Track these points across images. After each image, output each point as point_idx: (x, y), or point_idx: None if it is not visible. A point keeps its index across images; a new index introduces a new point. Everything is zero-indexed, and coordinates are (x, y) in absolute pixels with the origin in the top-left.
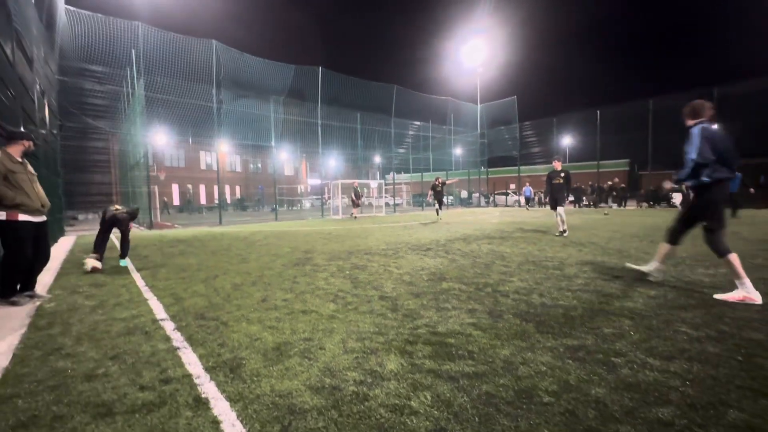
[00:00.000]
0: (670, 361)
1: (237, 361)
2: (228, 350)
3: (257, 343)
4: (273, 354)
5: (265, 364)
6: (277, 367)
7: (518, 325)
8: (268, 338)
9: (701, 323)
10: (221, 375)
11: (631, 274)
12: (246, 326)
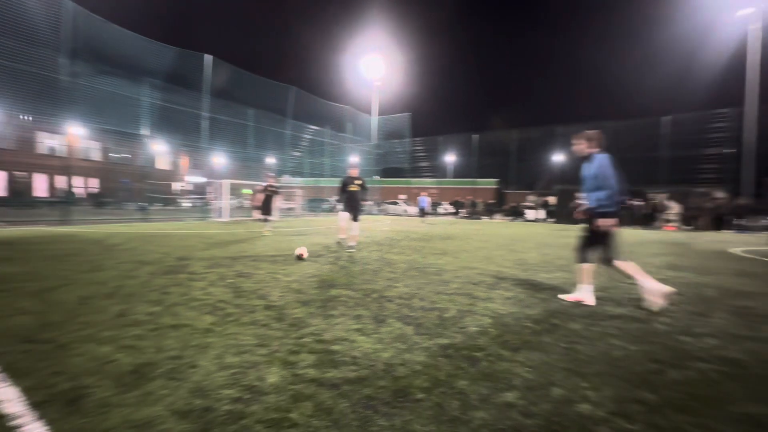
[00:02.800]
0: (518, 351)
1: (78, 391)
2: (66, 379)
3: (109, 367)
4: (130, 378)
5: (117, 391)
6: (134, 393)
7: (399, 329)
8: (123, 360)
9: (541, 318)
10: (54, 411)
11: (492, 279)
12: (94, 347)
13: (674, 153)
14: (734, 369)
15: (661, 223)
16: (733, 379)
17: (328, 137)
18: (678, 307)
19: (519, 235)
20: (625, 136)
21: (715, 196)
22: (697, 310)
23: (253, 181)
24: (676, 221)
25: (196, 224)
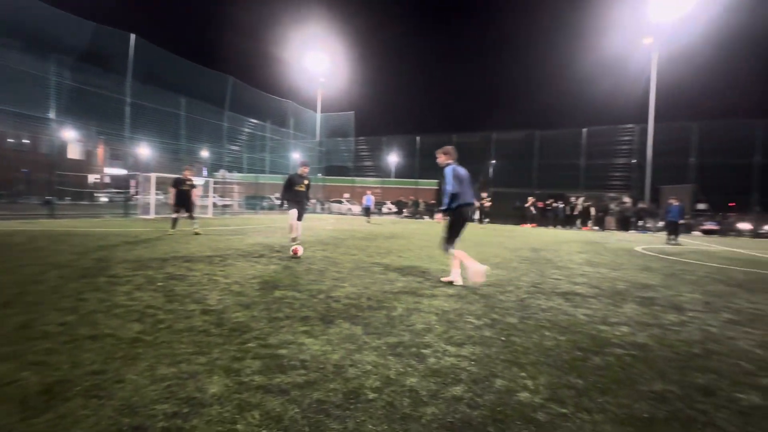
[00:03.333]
0: (462, 346)
1: None
2: None
3: (10, 389)
4: (39, 400)
5: (23, 416)
6: (46, 416)
7: (348, 329)
8: (31, 379)
9: (481, 314)
10: None
11: (435, 278)
12: None
13: (591, 161)
14: (643, 352)
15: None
16: (642, 362)
17: (269, 132)
18: (597, 299)
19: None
20: (553, 144)
21: (622, 201)
22: (612, 302)
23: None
24: (592, 222)
25: (117, 222)
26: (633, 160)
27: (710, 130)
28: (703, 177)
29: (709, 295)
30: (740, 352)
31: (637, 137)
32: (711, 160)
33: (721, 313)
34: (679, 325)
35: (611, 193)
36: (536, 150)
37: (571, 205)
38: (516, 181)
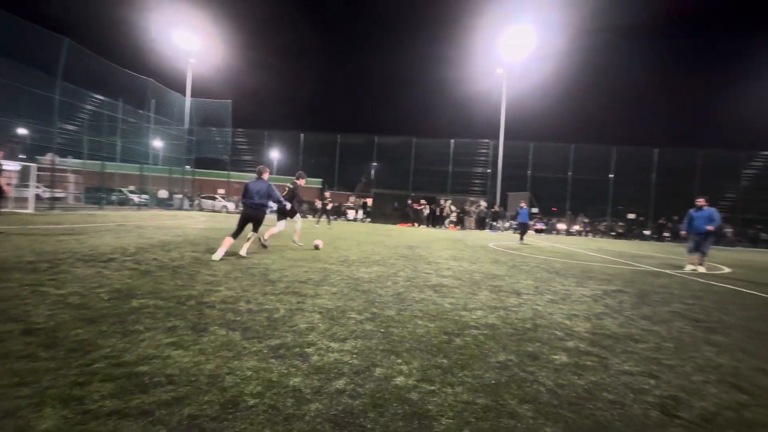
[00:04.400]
0: (345, 341)
1: None
2: None
3: None
4: None
5: None
6: None
7: (225, 336)
8: None
9: (363, 309)
10: None
11: (319, 276)
12: None
13: (456, 169)
14: (492, 331)
15: (448, 224)
16: (492, 339)
17: (121, 113)
18: (459, 289)
19: (341, 233)
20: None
21: (479, 204)
22: (471, 291)
23: None
24: (456, 222)
25: None
26: (488, 170)
27: (541, 149)
28: (534, 186)
29: (538, 281)
30: (556, 324)
31: (491, 151)
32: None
33: (545, 294)
34: (517, 307)
35: (471, 197)
36: (413, 155)
37: (441, 207)
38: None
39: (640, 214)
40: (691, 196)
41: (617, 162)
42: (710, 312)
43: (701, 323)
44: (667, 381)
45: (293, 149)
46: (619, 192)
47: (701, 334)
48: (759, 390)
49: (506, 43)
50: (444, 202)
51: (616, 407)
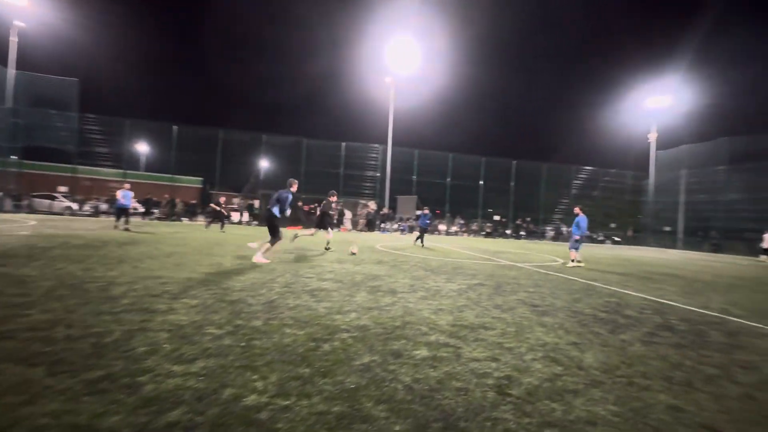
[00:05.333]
0: (193, 362)
1: None
2: None
3: None
4: None
5: None
6: None
7: (19, 374)
8: None
9: (225, 322)
10: None
11: (179, 288)
12: None
13: (348, 171)
14: (362, 333)
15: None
16: (360, 341)
17: None
18: (338, 292)
19: (222, 238)
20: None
21: (370, 206)
22: (349, 293)
23: None
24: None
25: None
26: (377, 174)
27: (425, 156)
28: (419, 190)
29: (414, 279)
30: (423, 319)
31: (381, 155)
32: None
33: (418, 291)
34: (391, 305)
35: (362, 199)
36: (303, 156)
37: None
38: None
39: (503, 216)
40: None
41: (486, 170)
42: (545, 297)
43: (538, 308)
44: (505, 362)
45: (164, 143)
46: (488, 197)
47: (536, 317)
48: (570, 361)
49: (394, 53)
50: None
51: (461, 394)
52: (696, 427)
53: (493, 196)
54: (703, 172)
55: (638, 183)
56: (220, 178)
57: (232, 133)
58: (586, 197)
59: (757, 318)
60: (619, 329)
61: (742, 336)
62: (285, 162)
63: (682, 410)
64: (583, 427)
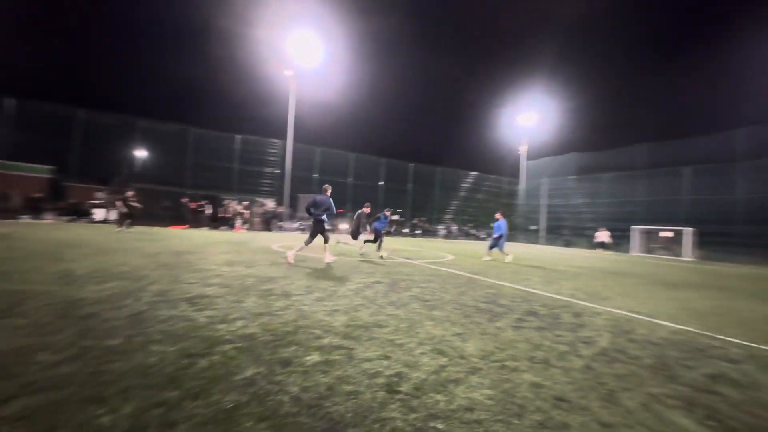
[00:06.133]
0: (5, 404)
1: None
2: None
3: None
4: None
5: None
6: None
7: None
8: None
9: (65, 345)
10: None
11: (2, 304)
12: None
13: (243, 167)
14: (248, 342)
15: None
16: (245, 352)
17: None
18: (224, 298)
19: (76, 239)
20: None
21: (267, 204)
22: (237, 298)
23: None
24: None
25: None
26: (276, 170)
27: (326, 154)
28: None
29: (310, 280)
30: (317, 322)
31: (280, 151)
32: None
33: (314, 293)
34: (283, 310)
35: (260, 197)
36: (190, 147)
37: (225, 207)
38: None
39: (401, 215)
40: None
41: (386, 171)
42: (435, 292)
43: (428, 302)
44: (396, 359)
45: None
46: (388, 197)
47: (426, 311)
48: (454, 352)
49: (295, 46)
50: (229, 202)
51: (351, 398)
52: (551, 400)
53: (392, 196)
54: (558, 180)
55: (512, 188)
56: (79, 168)
57: (95, 114)
58: (472, 199)
59: (594, 300)
60: (495, 317)
61: (584, 316)
62: (167, 152)
63: (541, 386)
64: (463, 414)
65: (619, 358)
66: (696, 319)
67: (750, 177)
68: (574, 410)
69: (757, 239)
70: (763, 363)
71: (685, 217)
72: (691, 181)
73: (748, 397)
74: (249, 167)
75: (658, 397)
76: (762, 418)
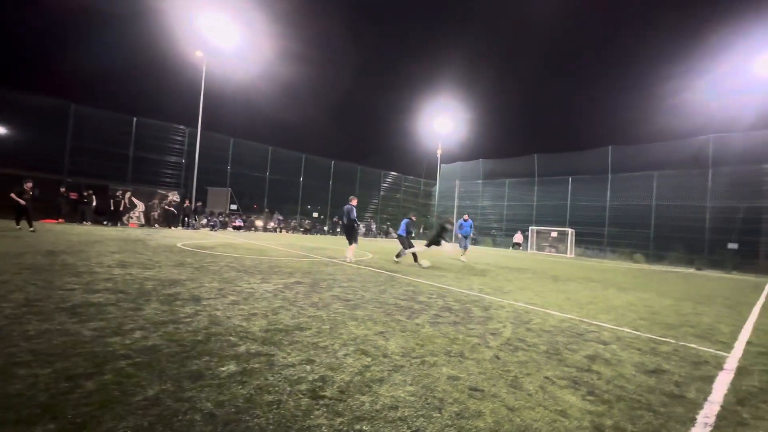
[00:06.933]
0: None
1: None
2: None
3: None
4: None
5: None
6: None
7: None
8: None
9: None
10: None
11: None
12: None
13: (141, 154)
14: (149, 356)
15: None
16: (146, 368)
17: None
18: (117, 306)
19: None
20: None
21: (171, 197)
22: (134, 306)
23: None
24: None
25: None
26: (183, 160)
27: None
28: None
29: (224, 282)
30: (232, 328)
31: (188, 139)
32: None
33: (228, 296)
34: (192, 316)
35: (161, 189)
36: (71, 127)
37: (117, 199)
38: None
39: (321, 213)
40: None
41: (306, 167)
42: (356, 291)
43: (350, 302)
44: (320, 363)
45: None
46: (307, 193)
47: (349, 311)
48: (377, 351)
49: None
50: (122, 193)
51: (273, 408)
52: (467, 391)
53: (312, 193)
54: (468, 183)
55: (428, 189)
56: None
57: None
58: (392, 199)
59: (499, 294)
60: (415, 314)
61: (491, 309)
62: (40, 132)
63: (458, 378)
64: (388, 413)
65: (521, 347)
66: (578, 308)
67: (614, 187)
68: (486, 398)
69: (620, 239)
70: (625, 343)
71: (569, 220)
72: (573, 189)
73: (616, 373)
74: (148, 154)
75: (552, 379)
76: (625, 389)
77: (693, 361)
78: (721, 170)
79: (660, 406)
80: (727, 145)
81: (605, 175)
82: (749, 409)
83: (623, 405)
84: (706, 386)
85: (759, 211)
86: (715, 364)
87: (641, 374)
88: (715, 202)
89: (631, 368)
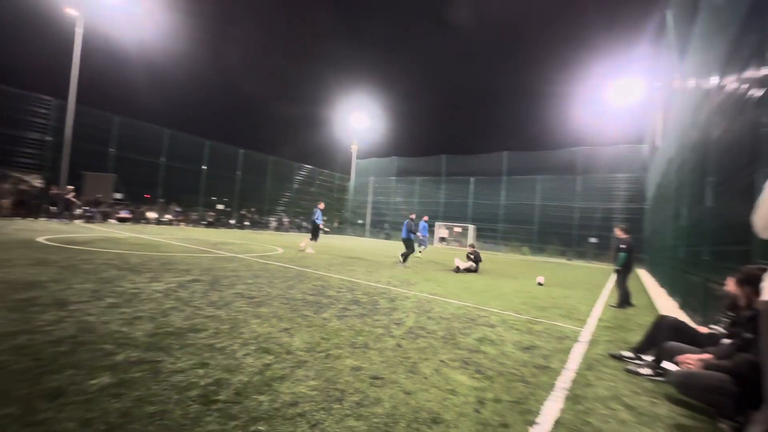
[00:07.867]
0: None
1: None
2: None
3: None
4: None
5: None
6: None
7: None
8: None
9: None
10: None
11: None
12: None
13: None
14: None
15: None
16: None
17: None
18: None
19: None
20: None
21: (30, 183)
22: None
23: None
24: None
25: None
26: (47, 137)
27: (129, 126)
28: (121, 168)
29: (100, 282)
30: (109, 334)
31: (55, 113)
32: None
33: (105, 299)
34: (54, 324)
35: (15, 171)
36: None
37: None
38: None
39: (227, 205)
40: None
41: (210, 155)
42: (262, 288)
43: (254, 299)
44: (215, 365)
45: None
46: (211, 184)
47: (252, 309)
48: (280, 348)
49: None
50: None
51: (156, 420)
52: (368, 380)
53: (217, 183)
54: (382, 180)
55: (343, 183)
56: None
57: None
58: (305, 192)
59: (405, 286)
60: (322, 309)
61: (397, 300)
62: None
63: (360, 368)
64: (287, 410)
65: (421, 334)
66: (473, 296)
67: (508, 188)
68: (386, 385)
69: (511, 234)
70: (509, 325)
71: (470, 216)
72: (474, 189)
73: (499, 351)
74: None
75: (446, 362)
76: (505, 365)
77: (558, 337)
78: (587, 177)
79: (531, 377)
80: (592, 156)
81: (500, 177)
82: (594, 372)
83: (503, 379)
84: (565, 357)
85: (611, 211)
86: (574, 338)
87: (518, 351)
88: (581, 203)
89: (511, 347)
